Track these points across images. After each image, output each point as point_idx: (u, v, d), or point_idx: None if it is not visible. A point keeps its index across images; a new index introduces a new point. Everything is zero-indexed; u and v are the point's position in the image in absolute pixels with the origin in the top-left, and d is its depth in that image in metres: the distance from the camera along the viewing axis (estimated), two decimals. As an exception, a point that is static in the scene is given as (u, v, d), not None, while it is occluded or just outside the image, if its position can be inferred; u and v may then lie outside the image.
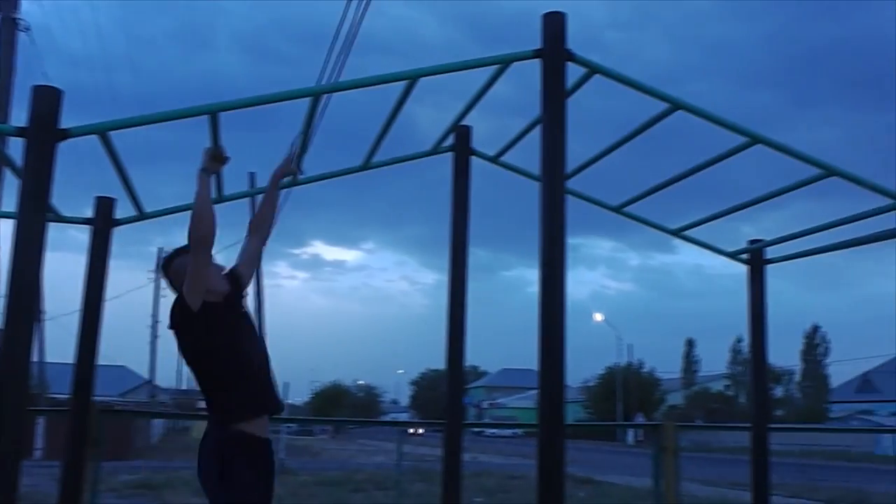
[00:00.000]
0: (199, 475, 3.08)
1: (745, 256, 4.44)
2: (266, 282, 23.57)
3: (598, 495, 17.01)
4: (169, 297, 3.33)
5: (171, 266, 3.20)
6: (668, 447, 5.06)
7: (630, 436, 46.59)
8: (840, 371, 66.37)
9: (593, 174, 4.09)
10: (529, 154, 4.12)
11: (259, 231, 3.35)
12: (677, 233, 4.29)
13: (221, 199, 4.05)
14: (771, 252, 4.46)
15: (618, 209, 4.25)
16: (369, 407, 72.17)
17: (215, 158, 3.02)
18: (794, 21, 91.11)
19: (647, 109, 3.38)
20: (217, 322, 3.03)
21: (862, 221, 3.73)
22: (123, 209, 4.20)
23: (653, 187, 3.96)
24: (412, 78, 3.08)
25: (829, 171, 3.22)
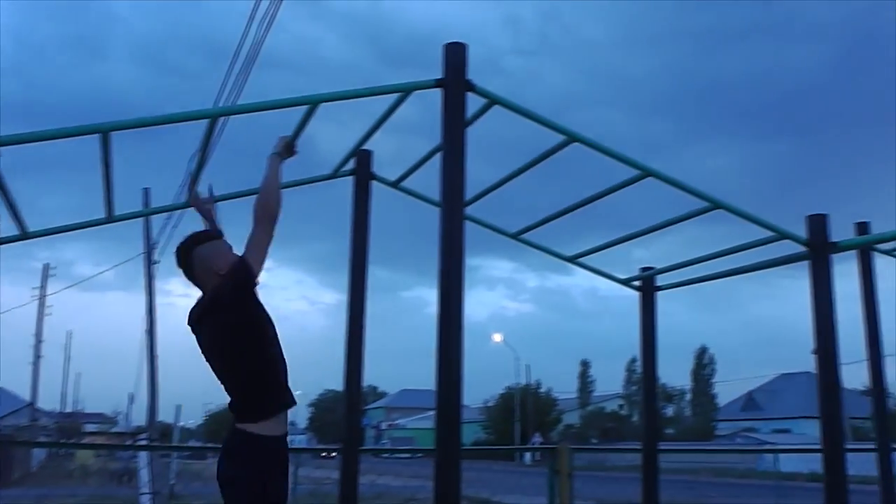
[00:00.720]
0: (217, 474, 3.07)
1: (637, 283, 4.60)
2: (158, 300, 22.80)
3: (495, 513, 17.15)
4: (55, 314, 3.19)
5: (193, 253, 3.12)
6: (563, 470, 5.16)
7: (528, 456, 47.14)
8: (727, 390, 68.94)
9: (494, 200, 4.17)
10: (432, 176, 4.17)
11: (254, 215, 3.09)
12: (573, 259, 4.41)
13: (112, 218, 3.92)
14: (661, 279, 4.63)
15: (515, 236, 4.34)
16: (265, 430, 70.39)
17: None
18: (686, 55, 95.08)
19: (549, 138, 3.46)
20: (259, 306, 3.07)
21: (748, 250, 3.93)
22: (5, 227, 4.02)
23: (549, 216, 4.06)
24: (312, 104, 3.07)
25: (715, 204, 3.39)
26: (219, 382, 3.12)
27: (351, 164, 4.27)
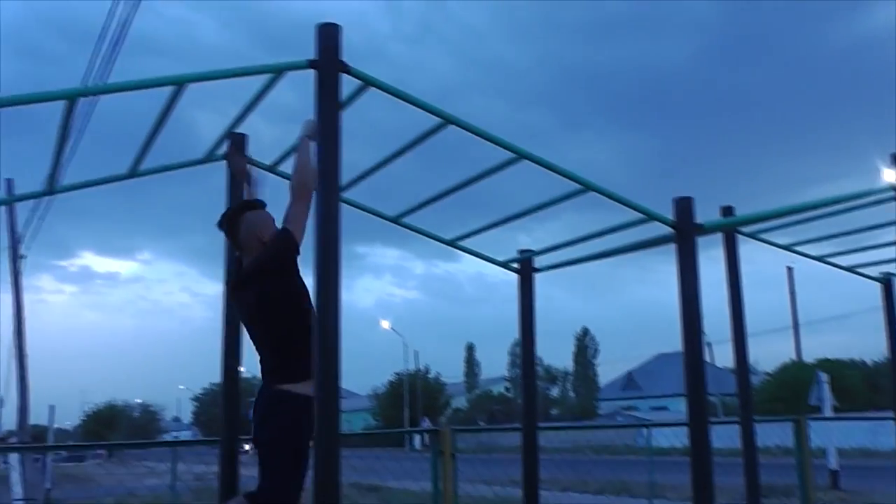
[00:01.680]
0: (254, 431, 3.28)
1: (516, 266, 4.67)
2: (28, 297, 21.63)
3: (383, 501, 17.17)
4: None
5: (241, 218, 3.32)
6: (446, 452, 5.21)
7: (417, 441, 47.39)
8: (608, 371, 71.41)
9: (377, 186, 4.15)
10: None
11: (291, 192, 3.30)
12: (452, 242, 4.43)
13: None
14: (539, 262, 4.71)
15: (395, 220, 4.32)
16: (148, 427, 68.55)
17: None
18: (566, 45, 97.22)
19: (428, 124, 3.45)
20: (299, 275, 3.27)
21: (621, 233, 4.05)
22: None
23: (429, 199, 4.06)
24: (179, 83, 2.95)
25: (586, 186, 3.46)
26: (253, 347, 3.35)
27: (225, 149, 4.15)
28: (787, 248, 5.48)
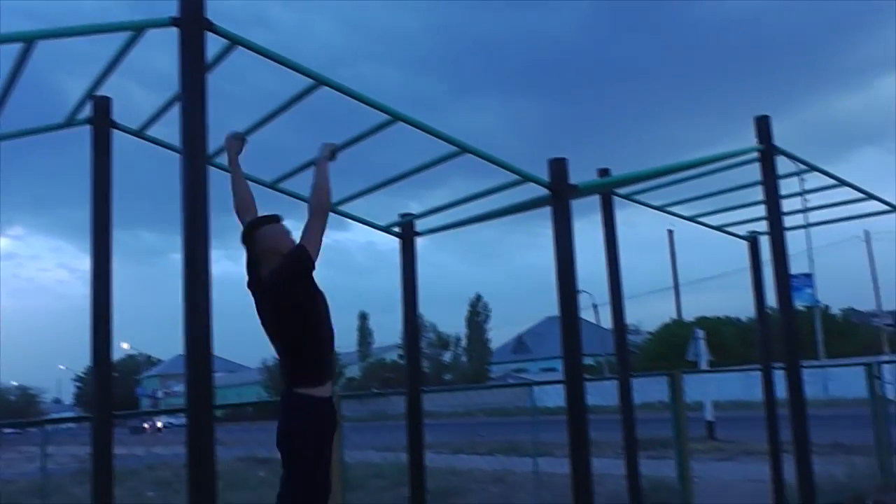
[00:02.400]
0: (278, 431, 3.45)
1: (397, 230, 4.64)
2: None
3: (276, 473, 16.97)
4: None
5: (258, 232, 3.51)
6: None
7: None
8: (499, 335, 72.69)
9: (255, 152, 4.02)
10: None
11: (309, 210, 3.50)
12: (334, 208, 4.35)
13: None
14: (422, 226, 4.70)
15: (273, 185, 4.21)
16: (27, 410, 65.56)
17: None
18: (455, 13, 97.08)
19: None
20: (314, 285, 3.48)
21: (503, 196, 4.08)
22: None
23: (306, 163, 3.96)
24: (28, 40, 2.76)
25: (462, 149, 3.45)
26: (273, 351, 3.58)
27: (88, 113, 3.94)
28: (660, 208, 5.66)
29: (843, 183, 5.14)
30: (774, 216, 4.52)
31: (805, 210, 5.76)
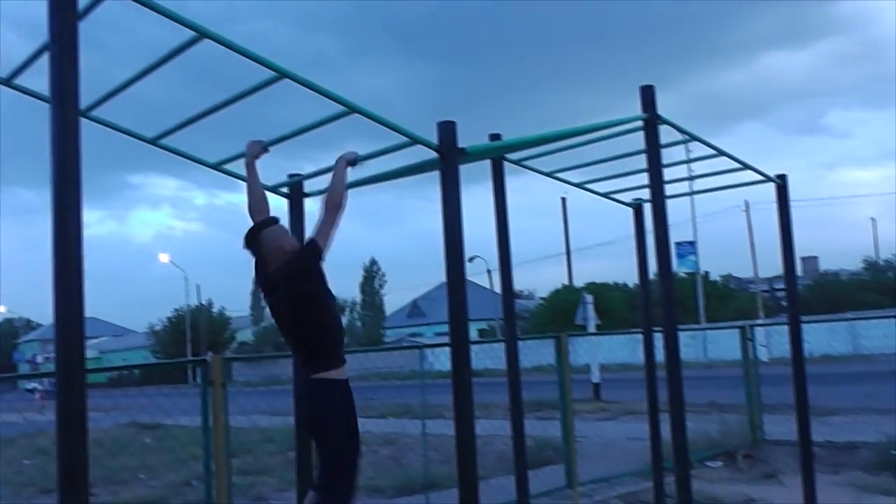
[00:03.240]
0: (300, 418, 3.86)
1: (285, 190, 4.55)
2: None
3: (164, 438, 16.68)
4: None
5: (262, 235, 3.85)
6: (216, 381, 5.07)
7: (200, 376, 46.21)
8: (394, 300, 72.86)
9: (136, 104, 3.86)
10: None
11: (324, 209, 3.83)
12: (218, 166, 4.23)
13: None
14: (311, 187, 4.63)
15: (154, 141, 4.04)
16: None
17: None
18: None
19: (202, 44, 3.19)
20: (324, 278, 3.75)
21: (394, 159, 4.05)
22: None
23: (189, 119, 3.82)
24: None
25: (350, 108, 3.39)
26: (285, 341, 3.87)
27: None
28: (550, 174, 5.74)
29: (721, 153, 5.34)
30: (656, 184, 4.64)
31: (687, 179, 5.96)
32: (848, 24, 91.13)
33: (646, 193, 6.85)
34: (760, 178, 5.98)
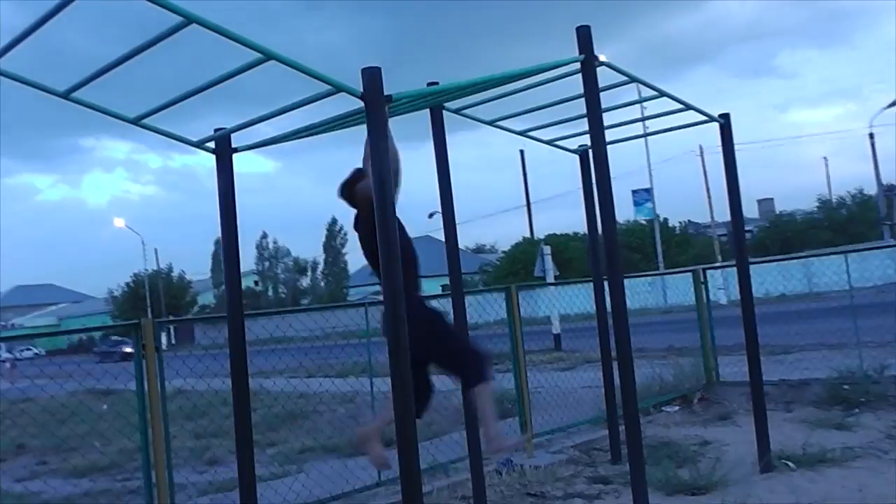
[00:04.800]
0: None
1: (211, 146, 4.34)
2: None
3: (119, 404, 16.49)
4: None
5: (357, 188, 4.28)
6: (149, 346, 4.91)
7: (163, 341, 45.68)
8: (357, 258, 72.50)
9: (115, 84, 3.66)
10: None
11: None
12: (138, 122, 3.99)
13: None
14: (240, 140, 4.43)
15: (65, 95, 3.80)
16: None
17: None
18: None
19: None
20: (401, 223, 4.02)
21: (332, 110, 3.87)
22: None
23: (101, 69, 3.57)
24: None
25: (266, 55, 3.19)
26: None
27: None
28: (490, 123, 5.59)
29: (663, 94, 5.22)
30: (596, 129, 4.51)
31: (629, 122, 5.84)
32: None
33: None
34: (704, 118, 5.90)
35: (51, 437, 11.78)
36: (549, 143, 6.17)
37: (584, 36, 4.54)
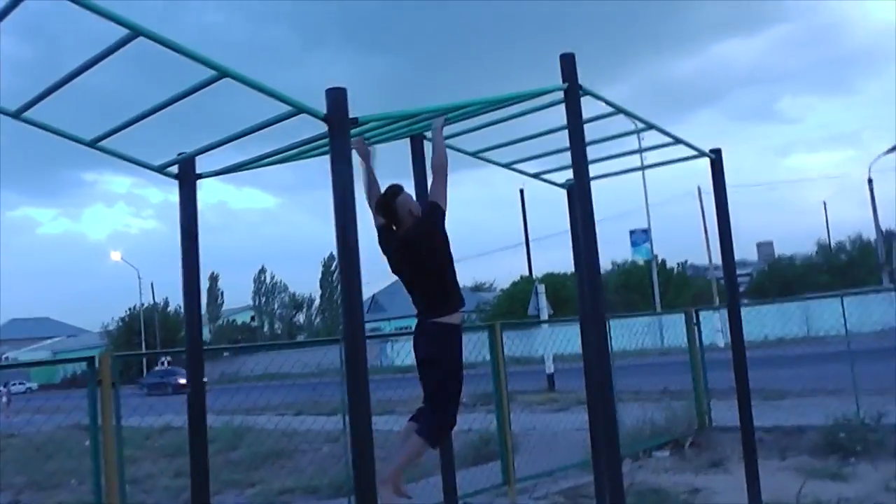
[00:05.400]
0: (419, 354, 4.25)
1: (174, 170, 4.14)
2: None
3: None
4: None
5: (396, 200, 4.27)
6: (105, 381, 4.67)
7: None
8: (354, 294, 71.97)
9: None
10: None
11: (433, 172, 4.32)
12: (94, 144, 3.80)
13: None
14: (205, 166, 4.24)
15: (16, 115, 3.62)
16: None
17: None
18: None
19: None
20: (447, 236, 4.24)
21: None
22: None
23: (50, 87, 3.40)
24: None
25: (222, 73, 3.01)
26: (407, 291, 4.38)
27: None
28: (473, 154, 5.40)
29: (651, 126, 5.03)
30: (579, 159, 4.31)
31: (617, 156, 5.65)
32: (796, 10, 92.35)
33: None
34: (695, 153, 5.73)
35: (31, 473, 11.46)
36: (536, 176, 5.98)
37: (569, 64, 4.36)
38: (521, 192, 46.90)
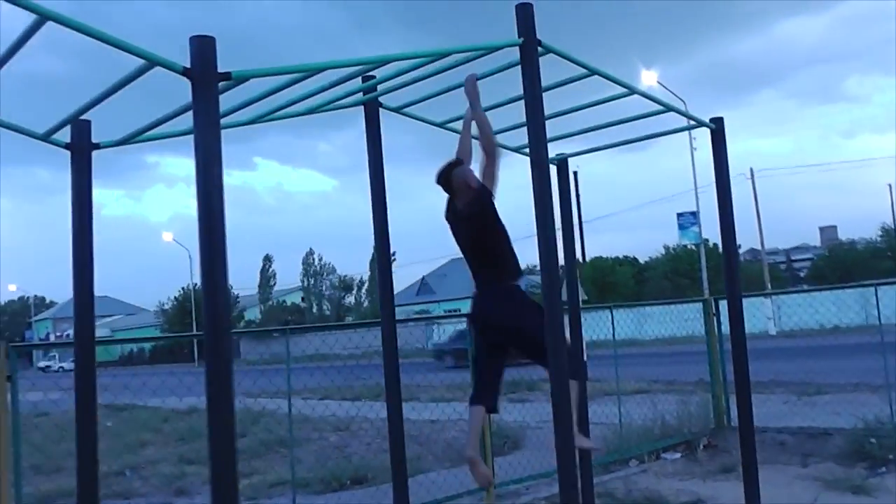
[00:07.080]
0: (488, 319, 4.44)
1: (65, 140, 3.64)
2: None
3: (127, 421, 16.03)
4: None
5: (453, 173, 4.50)
6: (0, 372, 4.24)
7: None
8: (404, 276, 72.01)
9: None
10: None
11: (484, 151, 4.47)
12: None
13: None
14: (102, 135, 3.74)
15: None
16: None
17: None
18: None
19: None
20: (497, 213, 4.45)
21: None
22: None
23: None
24: None
25: (43, 16, 2.49)
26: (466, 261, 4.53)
27: None
28: (441, 125, 4.84)
29: (634, 91, 4.38)
30: (536, 127, 3.68)
31: (604, 126, 4.99)
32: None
33: (571, 146, 5.96)
34: (693, 124, 5.06)
35: (40, 456, 11.26)
36: (517, 150, 5.37)
37: (525, 16, 3.72)
38: (575, 174, 46.00)
